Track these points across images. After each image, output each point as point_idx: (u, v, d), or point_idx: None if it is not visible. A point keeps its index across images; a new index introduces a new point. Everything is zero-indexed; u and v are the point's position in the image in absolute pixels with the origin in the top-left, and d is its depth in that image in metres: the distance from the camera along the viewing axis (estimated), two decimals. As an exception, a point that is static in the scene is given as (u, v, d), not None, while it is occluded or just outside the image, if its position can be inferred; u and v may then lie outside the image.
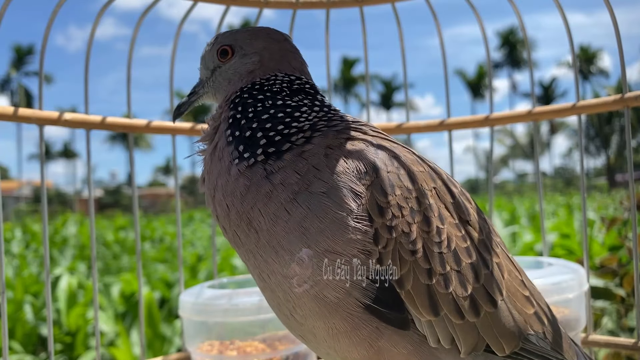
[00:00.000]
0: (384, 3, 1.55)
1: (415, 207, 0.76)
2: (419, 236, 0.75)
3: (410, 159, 0.81)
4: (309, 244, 0.73)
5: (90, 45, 1.42)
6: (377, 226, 0.74)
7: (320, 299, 0.74)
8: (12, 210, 35.47)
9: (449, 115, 1.64)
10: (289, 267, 0.75)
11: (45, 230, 1.29)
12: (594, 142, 50.00)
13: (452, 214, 0.79)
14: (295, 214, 0.75)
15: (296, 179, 0.76)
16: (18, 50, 54.70)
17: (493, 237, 0.84)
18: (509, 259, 0.85)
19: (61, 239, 9.67)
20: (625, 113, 1.29)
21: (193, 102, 0.97)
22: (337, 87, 56.49)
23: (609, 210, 7.76)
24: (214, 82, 0.94)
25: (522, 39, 1.62)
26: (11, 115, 1.23)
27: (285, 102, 0.85)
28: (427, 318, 0.75)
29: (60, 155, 61.46)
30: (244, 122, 0.83)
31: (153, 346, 3.73)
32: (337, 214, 0.73)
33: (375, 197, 0.75)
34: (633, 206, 1.28)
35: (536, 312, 0.81)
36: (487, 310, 0.76)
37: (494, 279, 0.78)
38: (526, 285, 0.84)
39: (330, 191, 0.75)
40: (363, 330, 0.75)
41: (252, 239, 0.78)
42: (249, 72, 0.90)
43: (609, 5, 1.27)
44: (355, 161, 0.77)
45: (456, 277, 0.76)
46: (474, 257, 0.78)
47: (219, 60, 0.93)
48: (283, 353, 1.22)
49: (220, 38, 0.93)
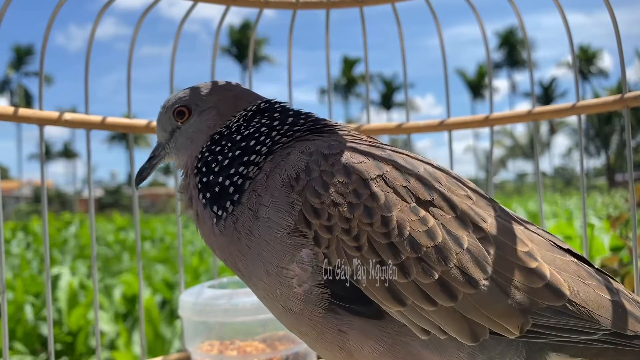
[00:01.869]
0: (384, 3, 1.55)
1: (354, 200, 0.74)
2: (362, 230, 0.73)
3: (347, 154, 0.79)
4: (267, 268, 0.78)
5: (90, 46, 1.42)
6: (316, 228, 0.74)
7: (288, 311, 0.78)
8: (13, 210, 35.45)
9: (449, 115, 1.64)
10: (267, 291, 0.79)
11: (45, 230, 1.29)
12: (594, 142, 50.00)
13: (405, 197, 0.75)
14: (252, 246, 0.80)
15: (250, 216, 0.80)
16: (17, 51, 54.67)
17: (479, 212, 0.77)
18: (511, 231, 0.77)
19: (62, 239, 9.67)
20: (625, 113, 1.29)
21: (155, 165, 0.98)
22: (338, 86, 56.51)
23: (609, 209, 7.75)
24: (175, 142, 0.94)
25: (522, 39, 1.61)
26: (11, 115, 1.23)
27: (243, 135, 0.87)
28: (396, 309, 0.73)
29: (60, 155, 61.44)
30: (212, 178, 0.86)
31: (154, 347, 3.73)
32: (278, 233, 0.76)
33: (309, 200, 0.75)
34: (633, 206, 1.28)
35: (549, 284, 0.73)
36: (467, 292, 0.71)
37: (471, 257, 0.73)
38: (534, 256, 0.75)
39: (270, 212, 0.78)
40: (328, 335, 0.76)
41: (243, 279, 0.85)
42: (209, 126, 0.91)
43: (608, 5, 1.27)
44: (288, 171, 0.79)
45: (416, 264, 0.72)
46: (438, 239, 0.73)
47: (176, 121, 0.94)
48: (283, 353, 1.22)
49: (172, 101, 0.95)
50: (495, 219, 0.78)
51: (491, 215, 0.78)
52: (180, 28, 1.53)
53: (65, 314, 4.28)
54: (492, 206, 0.81)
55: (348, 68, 55.61)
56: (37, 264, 6.42)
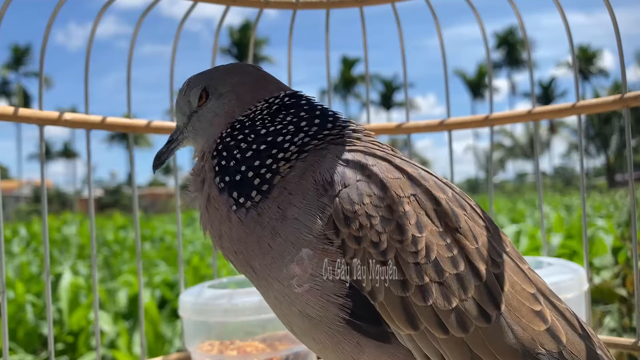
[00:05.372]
0: (384, 3, 1.55)
1: (387, 215, 0.73)
2: (391, 246, 0.72)
3: (384, 167, 0.78)
4: (288, 270, 0.76)
5: (90, 46, 1.42)
6: (344, 237, 0.73)
7: (304, 316, 0.76)
8: (13, 210, 35.45)
9: (449, 115, 1.64)
10: (284, 294, 0.77)
11: (45, 230, 1.29)
12: (594, 142, 49.99)
13: (434, 221, 0.75)
14: (276, 246, 0.77)
15: (277, 214, 0.78)
16: (15, 51, 54.60)
17: (496, 246, 0.78)
18: (519, 270, 0.78)
19: (62, 237, 9.67)
20: (625, 113, 1.29)
21: (173, 149, 0.95)
22: (337, 87, 56.49)
23: (609, 209, 7.76)
24: (193, 126, 0.92)
25: (522, 39, 1.61)
26: (11, 115, 1.23)
27: (268, 129, 0.84)
28: (407, 332, 0.72)
29: (60, 155, 61.46)
30: (233, 164, 0.83)
31: (154, 347, 3.73)
32: (307, 237, 0.75)
33: (342, 207, 0.74)
34: (633, 206, 1.28)
35: (550, 329, 0.73)
36: (479, 325, 0.71)
37: (487, 292, 0.72)
38: (539, 299, 0.75)
39: (300, 214, 0.76)
40: (345, 346, 0.75)
41: (253, 276, 0.82)
42: (227, 112, 0.89)
43: (609, 5, 1.27)
44: (323, 175, 0.77)
45: (437, 289, 0.71)
46: (461, 267, 0.72)
47: (194, 104, 0.92)
48: (283, 353, 1.22)
49: (192, 82, 0.92)
50: (507, 255, 0.79)
51: (504, 251, 0.79)
52: (180, 28, 1.53)
53: (66, 314, 4.28)
54: (503, 241, 0.81)
55: (347, 68, 55.59)
56: (38, 264, 6.42)
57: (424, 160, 54.65)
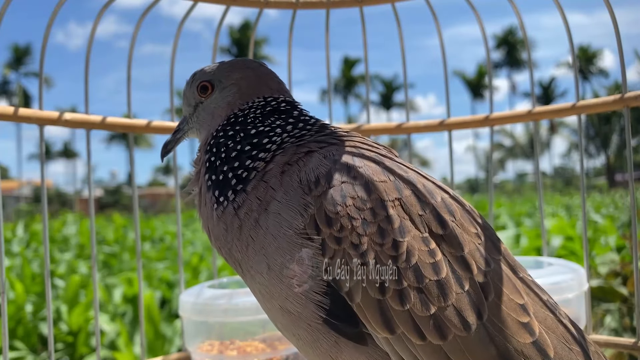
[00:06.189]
0: (384, 3, 1.55)
1: (369, 218, 0.73)
2: (371, 248, 0.72)
3: (372, 169, 0.78)
4: (269, 263, 0.77)
5: (90, 46, 1.42)
6: (325, 236, 0.73)
7: (284, 311, 0.77)
8: (13, 210, 35.47)
9: (449, 115, 1.64)
10: (265, 287, 0.79)
11: (46, 230, 1.29)
12: (594, 141, 50.00)
13: (418, 226, 0.74)
14: (257, 238, 0.79)
15: (257, 205, 0.80)
16: (16, 50, 54.59)
17: (485, 254, 0.76)
18: (509, 280, 0.76)
19: (62, 237, 9.67)
20: (625, 113, 1.29)
21: (179, 138, 1.00)
22: (338, 87, 56.50)
23: (609, 209, 7.76)
24: (198, 117, 0.96)
25: (522, 39, 1.61)
26: (11, 115, 1.23)
27: (257, 129, 0.87)
28: (383, 335, 0.72)
29: (60, 155, 61.45)
30: (218, 164, 0.87)
31: (154, 347, 3.73)
32: (287, 231, 0.76)
33: (325, 208, 0.74)
34: (633, 206, 1.28)
35: (536, 342, 0.71)
36: (458, 334, 0.69)
37: (469, 300, 0.71)
38: (527, 311, 0.73)
39: (282, 209, 0.77)
40: (323, 343, 0.75)
41: (240, 272, 0.84)
42: (228, 104, 0.93)
43: (609, 5, 1.27)
44: (309, 174, 0.78)
45: (415, 294, 0.70)
46: (442, 274, 0.71)
47: (199, 96, 0.95)
48: (283, 353, 1.22)
49: (198, 75, 0.96)
50: (497, 263, 0.77)
51: (495, 260, 0.77)
52: (180, 27, 1.53)
53: (66, 314, 4.28)
54: (496, 249, 0.80)
55: (347, 68, 55.60)
56: (38, 264, 6.41)
57: (424, 160, 54.68)
